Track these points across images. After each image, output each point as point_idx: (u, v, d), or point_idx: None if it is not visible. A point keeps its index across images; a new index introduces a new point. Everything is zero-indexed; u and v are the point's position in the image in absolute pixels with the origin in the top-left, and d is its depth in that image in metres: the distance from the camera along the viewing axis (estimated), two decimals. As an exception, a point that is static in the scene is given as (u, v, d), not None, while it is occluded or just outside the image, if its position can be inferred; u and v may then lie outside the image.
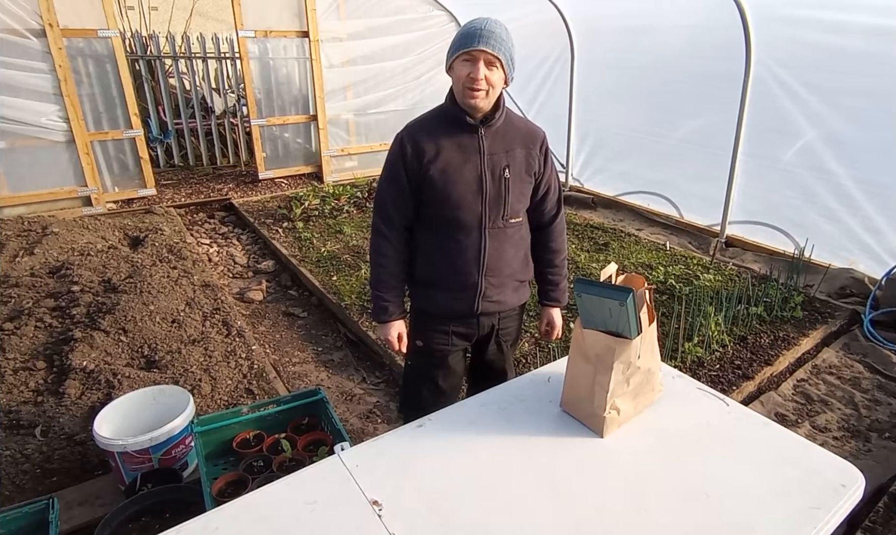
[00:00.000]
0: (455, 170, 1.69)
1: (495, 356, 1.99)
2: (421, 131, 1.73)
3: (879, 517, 2.21)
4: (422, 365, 1.95)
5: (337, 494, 1.23)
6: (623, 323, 1.33)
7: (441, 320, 1.86)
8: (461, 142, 1.70)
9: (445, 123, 1.72)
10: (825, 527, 1.17)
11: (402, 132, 1.76)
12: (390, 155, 1.77)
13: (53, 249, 4.28)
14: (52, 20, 4.98)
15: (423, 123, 1.76)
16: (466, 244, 1.75)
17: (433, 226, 1.78)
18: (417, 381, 1.99)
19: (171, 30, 7.87)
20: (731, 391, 2.94)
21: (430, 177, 1.69)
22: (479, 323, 1.87)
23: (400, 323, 1.86)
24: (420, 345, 1.90)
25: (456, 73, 1.65)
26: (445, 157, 1.69)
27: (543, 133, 1.86)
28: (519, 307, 1.97)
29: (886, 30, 3.63)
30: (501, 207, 1.74)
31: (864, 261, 4.10)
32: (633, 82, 5.65)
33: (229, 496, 1.76)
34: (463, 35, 1.63)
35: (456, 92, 1.69)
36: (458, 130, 1.71)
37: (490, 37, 1.59)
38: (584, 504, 1.21)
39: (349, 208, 5.84)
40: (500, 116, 1.72)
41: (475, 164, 1.70)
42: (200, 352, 3.10)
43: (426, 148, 1.69)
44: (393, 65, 7.00)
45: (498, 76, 1.64)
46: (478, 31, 1.59)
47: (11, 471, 2.28)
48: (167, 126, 7.39)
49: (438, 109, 1.78)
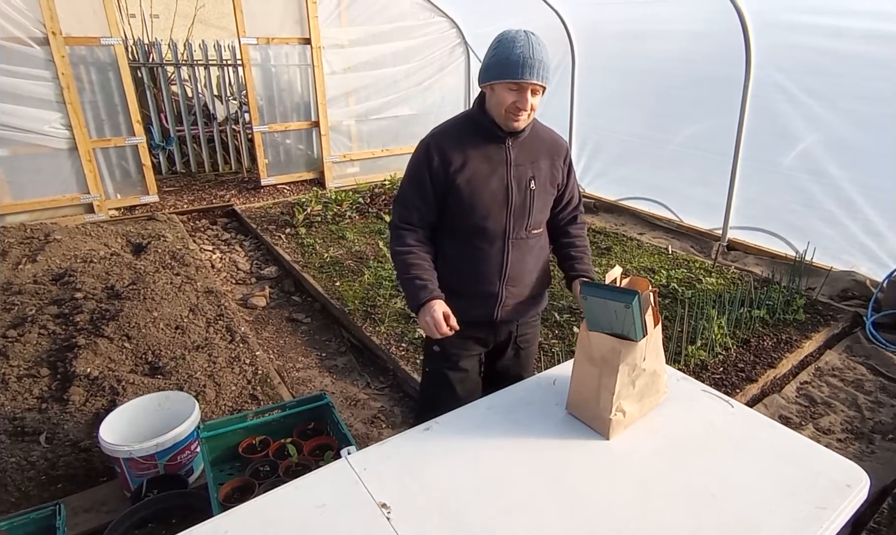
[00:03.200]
0: (482, 180, 1.69)
1: (511, 363, 2.00)
2: (448, 139, 1.71)
3: (884, 519, 2.21)
4: (438, 370, 1.94)
5: (345, 497, 1.24)
6: (628, 325, 1.34)
7: (459, 324, 1.83)
8: (488, 152, 1.70)
9: (473, 133, 1.71)
10: (831, 527, 1.17)
11: (427, 139, 1.74)
12: (415, 160, 1.74)
13: (56, 257, 4.29)
14: (55, 28, 5.01)
15: (449, 131, 1.74)
16: (489, 253, 1.75)
17: (457, 234, 1.77)
18: (435, 387, 1.97)
19: (173, 37, 7.91)
20: (735, 394, 2.94)
21: (456, 186, 1.68)
22: (497, 330, 1.89)
23: (442, 302, 1.69)
24: (437, 350, 1.89)
25: (498, 96, 1.63)
26: (472, 167, 1.68)
27: (567, 144, 1.87)
28: (536, 314, 1.99)
29: (885, 34, 3.65)
30: (526, 219, 1.75)
31: (866, 264, 4.11)
32: (633, 87, 5.68)
33: (236, 501, 1.76)
34: (510, 62, 1.57)
35: (494, 111, 1.67)
36: (485, 141, 1.70)
37: (539, 67, 1.56)
38: (591, 506, 1.22)
39: (351, 214, 5.86)
40: (528, 128, 1.72)
41: (501, 175, 1.70)
42: (204, 358, 3.11)
43: (453, 157, 1.68)
44: (394, 71, 7.03)
45: (539, 100, 1.65)
46: (527, 60, 1.55)
47: (17, 478, 2.28)
48: (169, 133, 7.42)
49: (465, 117, 1.76)
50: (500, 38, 1.61)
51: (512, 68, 1.56)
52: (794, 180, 4.41)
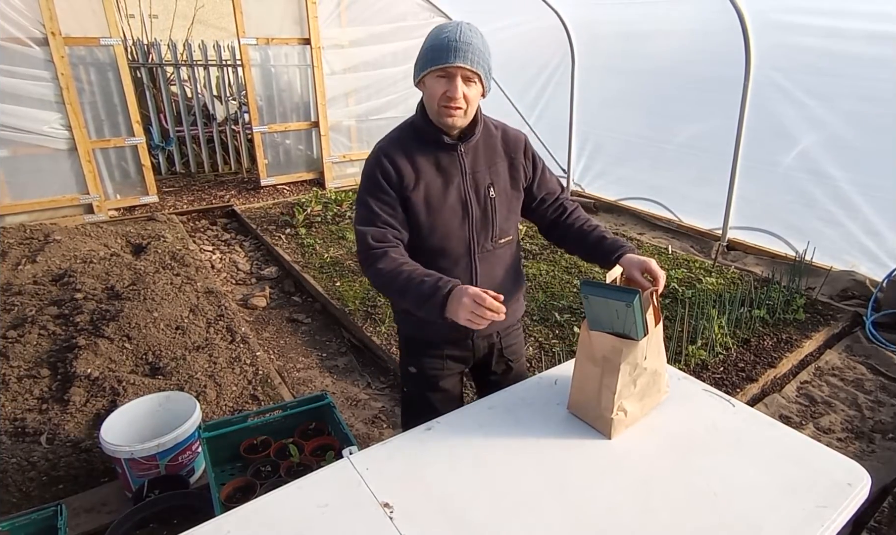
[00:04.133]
0: (438, 197, 1.54)
1: (502, 378, 1.87)
2: (396, 151, 1.53)
3: (884, 518, 2.21)
4: (417, 392, 1.83)
5: (348, 497, 1.24)
6: (630, 324, 1.33)
7: (434, 345, 1.74)
8: (440, 163, 1.55)
9: (420, 142, 1.55)
10: (832, 525, 1.17)
11: (376, 152, 1.56)
12: (369, 171, 1.54)
13: (56, 257, 4.29)
14: (54, 29, 5.01)
15: (396, 142, 1.56)
16: (455, 273, 1.57)
17: (417, 255, 1.56)
18: (416, 408, 1.84)
19: (172, 38, 7.91)
20: (735, 394, 2.94)
21: (411, 204, 1.53)
22: (475, 345, 1.75)
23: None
24: (413, 371, 1.79)
25: (429, 89, 1.47)
26: (426, 182, 1.53)
27: (524, 136, 1.71)
28: (517, 321, 1.86)
29: (884, 35, 3.66)
30: (490, 230, 1.61)
31: (865, 263, 4.12)
32: (633, 88, 5.68)
33: (237, 502, 1.76)
34: (435, 47, 1.42)
35: (429, 109, 1.51)
36: (435, 149, 1.54)
37: (468, 50, 1.40)
38: (592, 505, 1.22)
39: (351, 214, 5.86)
40: (479, 129, 1.58)
41: (458, 186, 1.56)
42: (205, 358, 3.11)
43: (405, 172, 1.51)
44: (394, 71, 7.04)
45: (476, 91, 1.49)
46: (453, 43, 1.40)
47: (18, 478, 2.28)
48: (169, 133, 7.42)
49: (409, 125, 1.59)
50: (430, 31, 1.47)
51: (437, 53, 1.41)
52: (793, 180, 4.41)
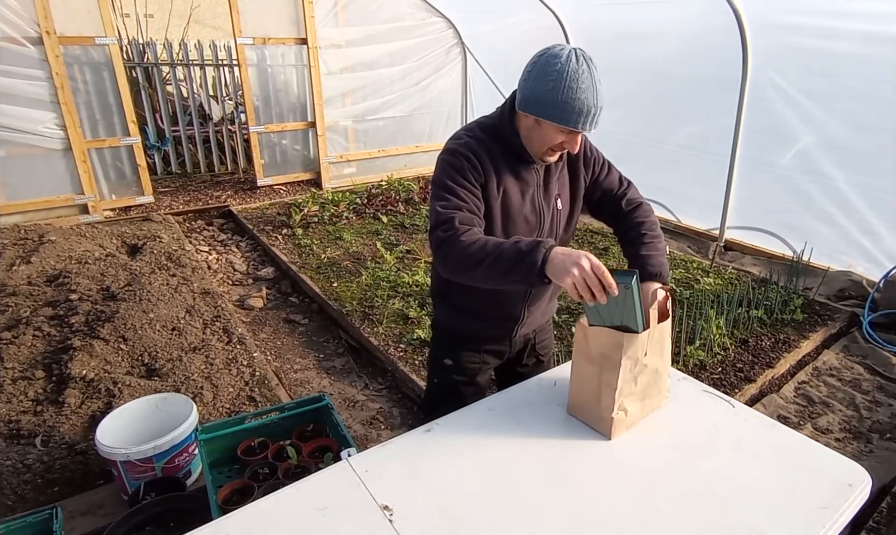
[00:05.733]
0: (516, 208, 1.58)
1: (531, 371, 1.92)
2: (482, 153, 1.52)
3: (883, 518, 2.22)
4: (449, 383, 1.86)
5: (347, 499, 1.23)
6: (629, 310, 1.30)
7: (475, 340, 1.79)
8: (519, 173, 1.57)
9: (503, 150, 1.55)
10: (834, 526, 1.17)
11: (461, 148, 1.52)
12: (457, 163, 1.50)
13: (51, 258, 4.26)
14: (49, 28, 4.98)
15: (481, 144, 1.54)
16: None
17: None
18: (445, 399, 1.84)
19: (168, 37, 7.87)
20: (734, 394, 2.95)
21: (491, 210, 1.54)
22: (513, 344, 1.84)
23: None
24: (449, 363, 1.82)
25: (544, 132, 1.46)
26: (507, 192, 1.55)
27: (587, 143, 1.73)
28: (551, 320, 1.99)
29: (882, 35, 3.67)
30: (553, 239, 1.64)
31: (862, 264, 4.13)
32: (630, 88, 5.68)
33: (235, 504, 1.75)
34: (571, 108, 1.37)
35: (529, 139, 1.52)
36: (516, 161, 1.57)
37: (599, 115, 1.41)
38: (593, 506, 1.21)
39: (349, 215, 5.84)
40: None
41: (532, 197, 1.60)
42: (201, 360, 3.09)
43: (489, 177, 1.52)
44: (391, 71, 7.02)
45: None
46: (591, 110, 1.38)
47: (13, 481, 2.26)
48: (165, 133, 7.38)
49: (493, 132, 1.57)
50: (560, 70, 1.36)
51: (571, 116, 1.38)
52: (791, 181, 4.42)
